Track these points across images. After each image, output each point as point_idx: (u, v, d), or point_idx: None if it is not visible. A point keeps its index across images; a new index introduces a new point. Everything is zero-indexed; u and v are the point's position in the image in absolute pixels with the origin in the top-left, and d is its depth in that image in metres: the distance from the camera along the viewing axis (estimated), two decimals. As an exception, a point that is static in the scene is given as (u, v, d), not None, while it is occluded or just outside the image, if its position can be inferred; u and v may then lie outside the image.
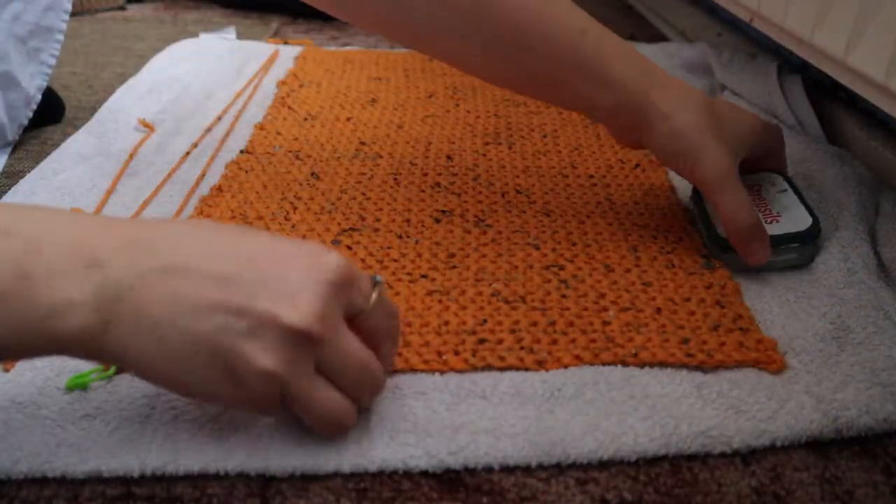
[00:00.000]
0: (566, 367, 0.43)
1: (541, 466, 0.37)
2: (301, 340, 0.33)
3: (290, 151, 0.69)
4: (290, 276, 0.34)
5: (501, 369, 0.43)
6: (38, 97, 0.70)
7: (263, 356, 0.33)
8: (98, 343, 0.32)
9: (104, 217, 0.35)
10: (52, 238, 0.33)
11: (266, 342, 0.33)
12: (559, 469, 0.37)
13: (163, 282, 0.33)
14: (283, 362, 0.33)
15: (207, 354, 0.33)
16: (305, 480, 0.36)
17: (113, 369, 0.41)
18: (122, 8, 1.28)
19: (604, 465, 0.38)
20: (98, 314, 0.32)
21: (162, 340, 0.32)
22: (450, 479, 0.37)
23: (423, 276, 0.51)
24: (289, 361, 0.33)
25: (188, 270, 0.33)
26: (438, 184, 0.64)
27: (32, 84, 0.69)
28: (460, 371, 0.43)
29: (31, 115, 0.70)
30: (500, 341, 0.44)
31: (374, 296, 0.37)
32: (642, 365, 0.43)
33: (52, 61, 0.70)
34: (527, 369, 0.43)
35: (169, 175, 0.64)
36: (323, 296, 0.34)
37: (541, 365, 0.43)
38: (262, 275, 0.34)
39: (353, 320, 0.36)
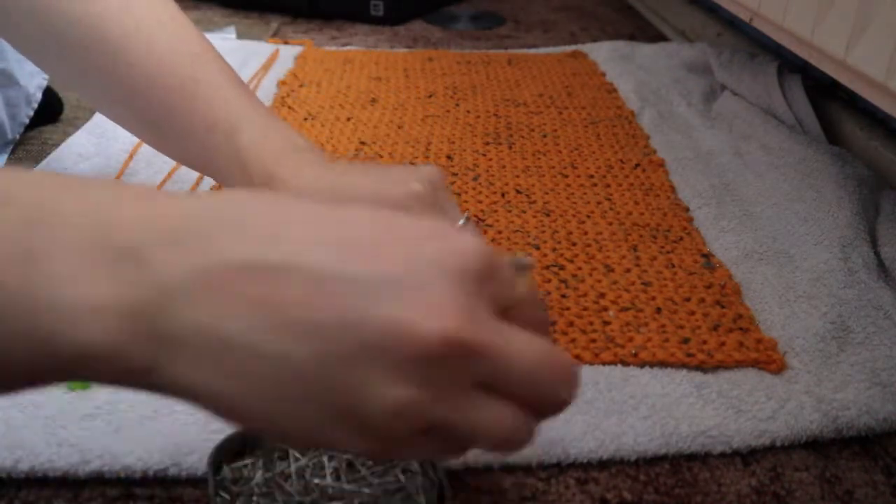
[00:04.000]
0: (566, 367, 0.43)
1: (541, 466, 0.37)
2: (447, 354, 0.24)
3: (291, 151, 0.69)
4: (415, 267, 0.24)
5: (502, 369, 0.43)
6: (39, 95, 0.70)
7: (390, 386, 0.23)
8: (132, 368, 0.23)
9: (127, 185, 0.26)
10: (61, 209, 0.23)
11: (391, 365, 0.23)
12: (559, 469, 0.37)
13: (232, 285, 0.23)
14: (421, 387, 0.24)
15: (310, 392, 0.23)
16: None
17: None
18: (122, 8, 1.28)
19: (604, 465, 0.38)
20: (132, 327, 0.23)
21: (240, 375, 0.23)
22: (450, 479, 0.37)
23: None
24: (428, 384, 0.24)
25: (267, 267, 0.23)
26: (438, 184, 0.64)
27: (32, 82, 0.69)
28: (460, 371, 0.43)
29: (31, 113, 0.70)
30: (501, 341, 0.44)
31: (521, 284, 0.28)
32: (642, 365, 0.43)
33: None
34: (527, 369, 0.43)
35: (169, 175, 0.64)
36: (466, 290, 0.24)
37: (541, 365, 0.43)
38: (375, 267, 0.24)
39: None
